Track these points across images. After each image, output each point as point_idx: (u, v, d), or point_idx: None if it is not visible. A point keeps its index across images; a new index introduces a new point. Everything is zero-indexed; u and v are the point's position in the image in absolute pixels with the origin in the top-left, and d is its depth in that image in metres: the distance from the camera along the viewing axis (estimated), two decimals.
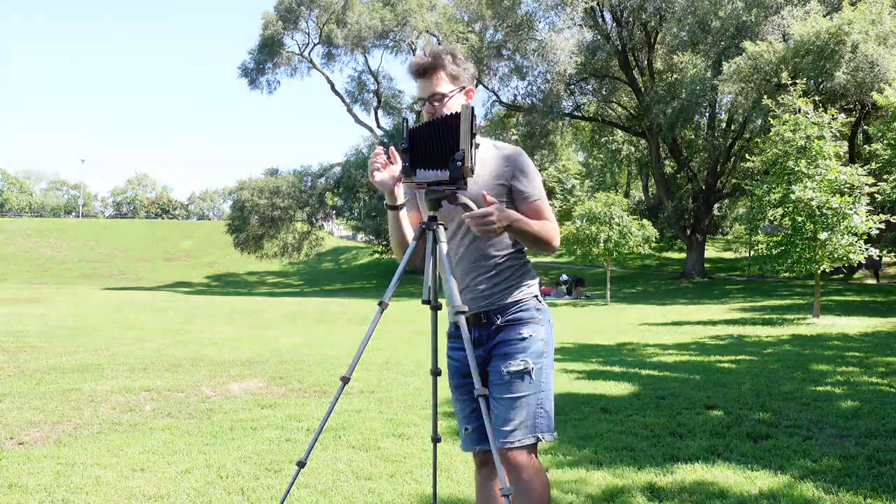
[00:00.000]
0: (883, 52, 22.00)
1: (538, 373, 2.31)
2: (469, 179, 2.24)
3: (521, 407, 2.28)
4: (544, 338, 2.36)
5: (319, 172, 41.57)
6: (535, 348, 2.33)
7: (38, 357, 8.27)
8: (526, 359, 2.30)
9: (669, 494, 3.48)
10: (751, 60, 23.50)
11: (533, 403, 2.29)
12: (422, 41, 39.68)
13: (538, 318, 2.37)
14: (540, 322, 2.37)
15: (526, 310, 2.36)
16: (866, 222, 13.55)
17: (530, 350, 2.32)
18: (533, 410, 2.28)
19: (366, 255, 48.88)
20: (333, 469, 3.95)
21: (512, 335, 2.33)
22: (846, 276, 26.78)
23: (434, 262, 2.36)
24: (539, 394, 2.30)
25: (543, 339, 2.36)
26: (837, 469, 3.86)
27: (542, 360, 2.33)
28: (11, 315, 15.21)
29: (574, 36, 31.40)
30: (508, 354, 2.31)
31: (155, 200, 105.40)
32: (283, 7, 39.23)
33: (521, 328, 2.34)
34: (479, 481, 2.49)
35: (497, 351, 2.34)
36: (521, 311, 2.36)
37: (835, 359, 8.64)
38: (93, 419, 5.14)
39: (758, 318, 15.48)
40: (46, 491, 3.53)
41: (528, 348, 2.32)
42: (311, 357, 8.73)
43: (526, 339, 2.33)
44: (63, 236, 56.35)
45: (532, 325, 2.35)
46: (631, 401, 5.85)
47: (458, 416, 2.51)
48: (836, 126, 14.41)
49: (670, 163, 37.39)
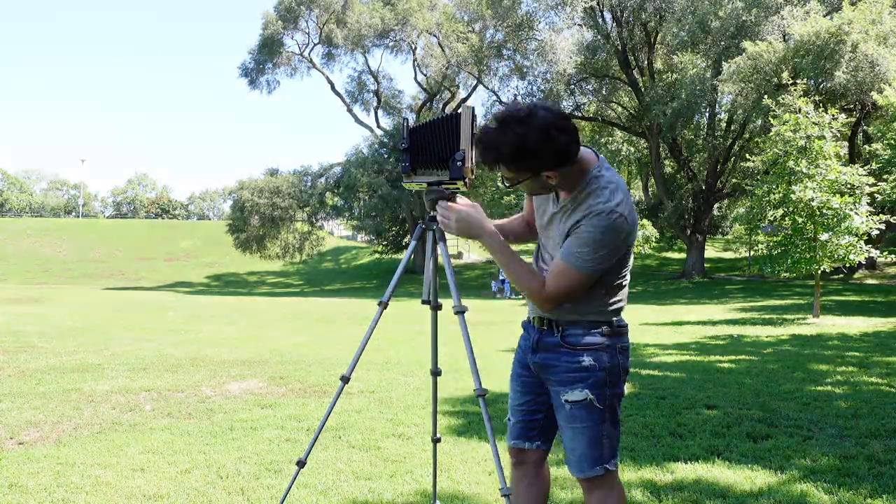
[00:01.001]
0: (883, 52, 22.01)
1: (600, 402, 2.20)
2: (558, 213, 2.19)
3: (582, 437, 2.21)
4: (608, 367, 2.21)
5: (319, 172, 41.57)
6: (596, 378, 2.20)
7: (38, 357, 8.27)
8: (586, 390, 2.19)
9: (669, 494, 3.48)
10: (751, 60, 23.51)
11: (595, 435, 2.21)
12: (422, 41, 39.71)
13: (604, 345, 2.22)
14: (606, 351, 2.21)
15: (592, 334, 2.22)
16: (866, 223, 13.55)
17: (590, 381, 2.20)
18: (595, 442, 2.21)
19: (366, 255, 48.89)
20: (333, 469, 3.95)
21: (573, 361, 2.21)
22: (846, 276, 26.78)
23: (434, 261, 2.37)
24: (602, 425, 2.21)
25: (607, 369, 2.20)
26: (837, 469, 3.86)
27: (603, 391, 2.20)
28: (11, 315, 15.22)
29: (574, 36, 31.44)
30: (566, 382, 2.22)
31: (155, 200, 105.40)
32: (282, 7, 39.24)
33: (582, 355, 2.21)
34: (514, 480, 2.47)
35: (557, 375, 2.24)
36: (588, 334, 2.22)
37: (834, 359, 8.64)
38: (93, 419, 5.14)
39: (757, 318, 15.48)
40: (46, 491, 3.53)
41: (588, 378, 2.20)
42: (311, 357, 8.73)
43: (588, 367, 2.20)
44: (63, 236, 56.32)
45: (596, 354, 2.20)
46: (631, 401, 5.85)
47: (510, 404, 2.47)
48: (836, 126, 14.41)
49: (670, 163, 37.39)
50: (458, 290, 2.41)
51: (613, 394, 2.23)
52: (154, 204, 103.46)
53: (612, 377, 2.21)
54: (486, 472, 3.85)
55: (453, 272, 2.47)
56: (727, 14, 26.82)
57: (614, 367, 2.22)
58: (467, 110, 2.26)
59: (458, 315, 2.41)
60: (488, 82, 36.80)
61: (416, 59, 39.99)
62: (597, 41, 32.20)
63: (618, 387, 2.24)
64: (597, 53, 32.18)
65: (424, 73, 40.72)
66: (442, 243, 2.50)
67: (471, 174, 2.34)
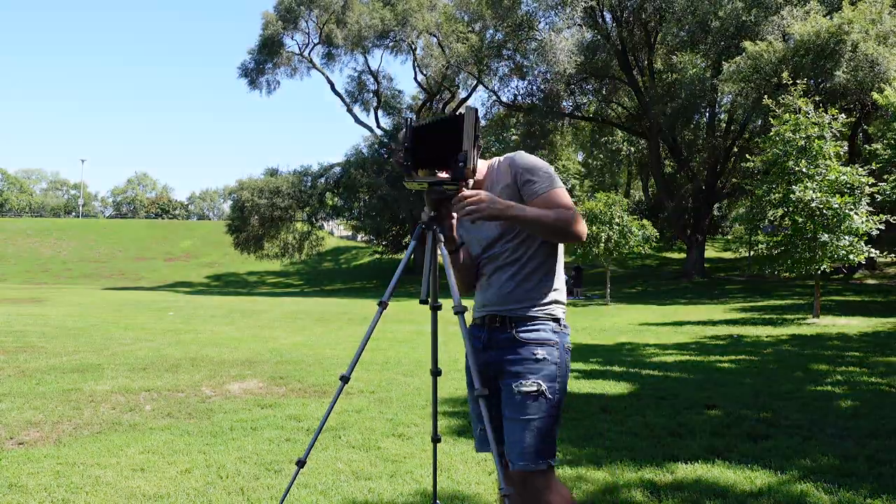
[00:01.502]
0: (883, 52, 21.99)
1: (551, 395, 2.27)
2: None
3: (533, 430, 2.24)
4: (558, 362, 2.31)
5: (319, 172, 41.55)
6: (548, 371, 2.28)
7: (38, 357, 8.27)
8: (539, 381, 2.26)
9: (669, 494, 3.48)
10: (751, 60, 23.48)
11: (544, 427, 2.25)
12: (422, 41, 39.69)
13: (555, 341, 2.32)
14: (556, 346, 2.32)
15: (544, 330, 2.32)
16: (866, 223, 13.55)
17: (543, 373, 2.27)
18: (544, 435, 2.25)
19: (366, 255, 48.90)
20: (333, 469, 3.95)
21: (526, 354, 2.29)
22: (846, 276, 26.78)
23: (433, 262, 2.36)
24: (550, 418, 2.27)
25: (557, 364, 2.30)
26: (837, 469, 3.86)
27: (554, 384, 2.28)
28: (11, 315, 15.21)
29: (574, 36, 31.39)
30: (520, 374, 2.27)
31: (155, 200, 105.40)
32: (283, 7, 39.23)
33: (535, 348, 2.29)
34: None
35: (510, 367, 2.30)
36: (540, 329, 2.31)
37: (834, 359, 8.64)
38: (93, 419, 5.14)
39: (757, 318, 15.48)
40: (46, 491, 3.53)
41: (541, 370, 2.27)
42: (311, 357, 8.73)
43: (541, 360, 2.28)
44: (63, 236, 56.34)
45: (548, 348, 2.30)
46: (631, 401, 5.85)
47: (472, 415, 2.50)
48: (836, 126, 14.40)
49: (670, 163, 37.39)
50: (458, 291, 2.41)
51: (562, 388, 2.31)
52: (154, 204, 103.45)
53: (560, 372, 2.31)
54: (486, 472, 3.86)
55: (453, 272, 2.47)
56: (727, 14, 26.80)
57: (563, 362, 2.32)
58: (470, 111, 2.26)
59: (458, 315, 2.41)
60: (488, 82, 36.78)
61: (416, 60, 39.99)
62: (597, 41, 32.18)
63: (565, 383, 2.33)
64: (597, 53, 32.15)
65: (424, 73, 40.71)
66: (441, 243, 2.50)
67: (472, 175, 2.34)
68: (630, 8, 30.93)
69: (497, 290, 2.36)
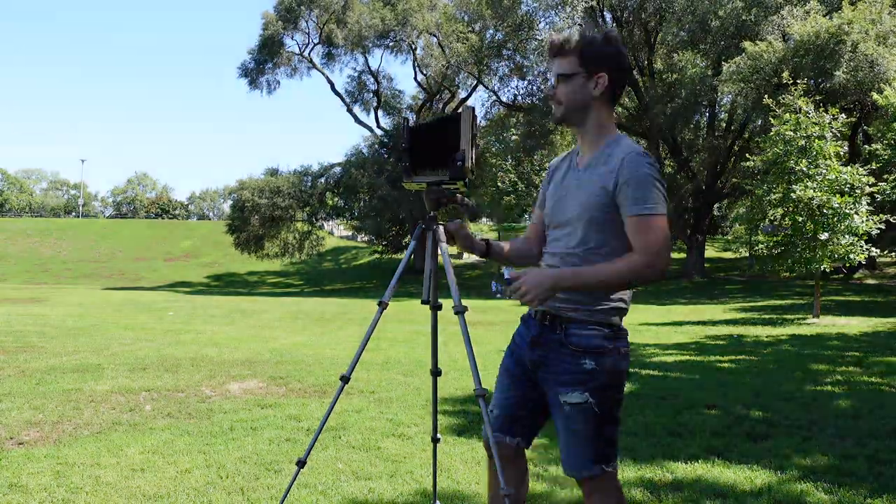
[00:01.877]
0: (883, 52, 21.99)
1: (600, 406, 2.15)
2: (583, 175, 2.18)
3: (579, 438, 2.16)
4: (610, 370, 2.15)
5: (319, 172, 41.53)
6: (597, 383, 2.14)
7: (38, 357, 8.27)
8: (586, 393, 2.13)
9: (669, 494, 3.48)
10: (751, 60, 23.48)
11: (591, 437, 2.16)
12: (422, 41, 39.68)
13: (607, 348, 2.16)
14: (609, 354, 2.16)
15: (597, 337, 2.16)
16: (867, 222, 13.55)
17: (591, 384, 2.13)
18: (592, 442, 2.16)
19: (366, 255, 48.86)
20: (333, 469, 3.95)
21: (574, 363, 2.15)
22: (846, 276, 26.78)
23: (434, 262, 2.37)
24: (601, 427, 2.16)
25: (609, 372, 2.15)
26: (837, 469, 3.86)
27: (605, 394, 2.15)
28: (11, 315, 15.21)
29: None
30: (567, 383, 2.15)
31: (155, 200, 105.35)
32: (283, 7, 39.21)
33: (584, 358, 2.14)
34: (489, 472, 2.45)
35: (557, 374, 2.18)
36: (593, 336, 2.16)
37: (834, 359, 8.64)
38: (93, 419, 5.14)
39: (757, 318, 15.48)
40: (46, 491, 3.53)
41: (589, 382, 2.13)
42: (311, 357, 8.73)
43: (589, 371, 2.13)
44: (63, 236, 56.32)
45: (598, 357, 2.14)
46: (631, 401, 5.85)
47: (494, 395, 2.44)
48: (836, 126, 14.40)
49: (670, 163, 37.36)
50: (458, 290, 2.41)
51: (614, 398, 2.19)
52: (154, 204, 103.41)
53: (613, 381, 2.17)
54: (486, 472, 3.85)
55: (453, 272, 2.47)
56: (727, 14, 26.80)
57: (616, 371, 2.17)
58: (467, 110, 2.27)
59: (458, 315, 2.41)
60: (488, 82, 36.76)
61: (416, 60, 39.98)
62: None
63: (619, 391, 2.20)
64: None
65: (424, 73, 40.70)
66: (441, 243, 2.50)
67: (471, 174, 2.34)
68: (630, 8, 30.93)
69: None
